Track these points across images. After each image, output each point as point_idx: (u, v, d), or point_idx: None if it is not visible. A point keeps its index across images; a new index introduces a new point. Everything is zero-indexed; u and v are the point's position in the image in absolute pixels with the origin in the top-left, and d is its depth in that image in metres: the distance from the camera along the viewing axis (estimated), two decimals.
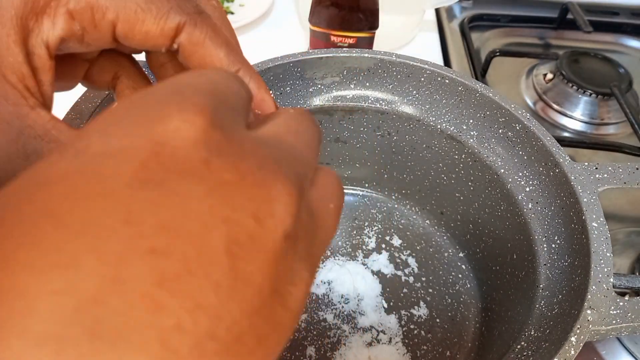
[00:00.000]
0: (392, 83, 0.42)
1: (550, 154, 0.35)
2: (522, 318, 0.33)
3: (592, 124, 0.62)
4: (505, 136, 0.39)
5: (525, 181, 0.37)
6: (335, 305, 0.42)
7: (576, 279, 0.30)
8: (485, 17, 0.77)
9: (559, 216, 0.34)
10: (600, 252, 0.30)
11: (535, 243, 0.35)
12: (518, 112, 0.37)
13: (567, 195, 0.34)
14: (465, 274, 0.44)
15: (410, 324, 0.41)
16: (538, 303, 0.32)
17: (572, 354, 0.26)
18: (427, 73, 0.41)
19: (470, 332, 0.41)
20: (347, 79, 0.42)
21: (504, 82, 0.67)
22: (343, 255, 0.45)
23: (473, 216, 0.43)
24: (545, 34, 0.78)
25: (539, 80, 0.66)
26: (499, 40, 0.75)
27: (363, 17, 0.51)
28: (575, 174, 0.33)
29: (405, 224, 0.48)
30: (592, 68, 0.65)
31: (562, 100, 0.63)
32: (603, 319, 0.27)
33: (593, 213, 0.31)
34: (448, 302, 0.42)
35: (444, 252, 0.46)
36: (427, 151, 0.44)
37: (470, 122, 0.41)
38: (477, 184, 0.42)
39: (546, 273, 0.33)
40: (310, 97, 0.42)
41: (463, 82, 0.39)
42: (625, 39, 0.78)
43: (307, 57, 0.40)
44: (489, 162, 0.40)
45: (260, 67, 0.39)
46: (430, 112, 0.42)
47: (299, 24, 0.73)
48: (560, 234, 0.34)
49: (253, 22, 0.71)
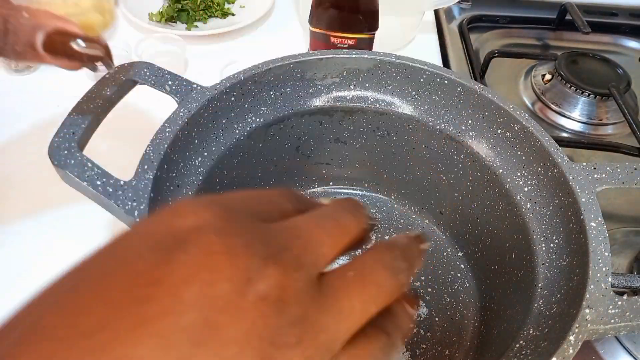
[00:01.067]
0: (391, 84, 0.42)
1: (549, 154, 0.35)
2: (520, 317, 0.33)
3: (590, 125, 0.62)
4: (504, 136, 0.39)
5: (524, 181, 0.38)
6: None
7: (574, 279, 0.31)
8: (484, 18, 0.77)
9: (558, 216, 0.35)
10: (599, 252, 0.30)
11: (534, 242, 0.35)
12: (517, 113, 0.38)
13: (565, 195, 0.34)
14: (464, 273, 0.45)
15: None
16: (536, 302, 0.32)
17: (570, 353, 0.26)
18: (426, 74, 0.41)
19: (469, 331, 0.41)
20: (346, 80, 0.42)
21: (502, 83, 0.68)
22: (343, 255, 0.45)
23: (472, 216, 0.43)
24: (543, 35, 0.78)
25: (538, 80, 0.66)
26: (498, 41, 0.75)
27: (363, 19, 0.51)
28: (574, 174, 0.34)
29: (405, 224, 0.48)
30: (590, 69, 0.65)
31: (561, 101, 0.63)
32: (601, 318, 0.27)
33: (591, 213, 0.32)
34: (447, 301, 0.43)
35: (443, 252, 0.46)
36: (426, 151, 0.44)
37: (469, 122, 0.41)
38: (475, 183, 0.42)
39: (545, 272, 0.33)
40: (310, 97, 0.42)
41: (462, 82, 0.40)
42: (624, 40, 0.78)
43: (307, 58, 0.40)
44: (488, 162, 0.40)
45: (260, 68, 0.39)
46: (429, 112, 0.42)
47: (299, 25, 0.73)
48: (558, 233, 0.34)
49: (254, 24, 0.71)
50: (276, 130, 0.42)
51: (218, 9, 0.73)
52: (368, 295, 0.15)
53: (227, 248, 0.13)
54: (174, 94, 0.38)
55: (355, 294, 0.15)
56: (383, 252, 0.17)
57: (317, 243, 0.15)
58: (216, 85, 0.38)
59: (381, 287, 0.15)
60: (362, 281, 0.15)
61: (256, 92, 0.40)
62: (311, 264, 0.15)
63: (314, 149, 0.46)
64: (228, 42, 0.70)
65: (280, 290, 0.13)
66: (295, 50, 0.42)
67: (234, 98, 0.39)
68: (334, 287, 0.15)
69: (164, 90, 0.38)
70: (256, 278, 0.13)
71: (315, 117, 0.43)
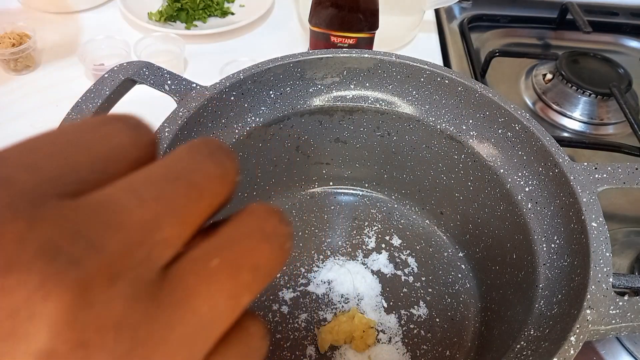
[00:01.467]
0: (391, 83, 0.42)
1: (550, 154, 0.35)
2: (521, 318, 0.33)
3: (591, 124, 0.62)
4: (505, 136, 0.39)
5: (525, 181, 0.38)
6: (335, 304, 0.42)
7: (575, 279, 0.30)
8: (485, 18, 0.77)
9: (559, 216, 0.34)
10: (600, 252, 0.30)
11: (535, 243, 0.35)
12: (517, 113, 0.37)
13: (566, 195, 0.34)
14: (464, 273, 0.45)
15: (409, 324, 0.41)
16: (537, 303, 0.32)
17: (571, 354, 0.26)
18: (427, 73, 0.41)
19: (470, 332, 0.41)
20: (347, 80, 0.42)
21: (503, 83, 0.68)
22: (343, 255, 0.45)
23: (472, 216, 0.43)
24: (544, 35, 0.78)
25: (539, 80, 0.66)
26: (499, 40, 0.75)
27: (363, 18, 0.51)
28: (575, 174, 0.33)
29: (405, 224, 0.48)
30: (591, 68, 0.65)
31: (562, 101, 0.63)
32: (602, 318, 0.27)
33: (592, 213, 0.32)
34: (448, 302, 0.43)
35: (444, 252, 0.46)
36: (426, 151, 0.44)
37: (469, 122, 0.41)
38: (476, 184, 0.42)
39: (545, 273, 0.33)
40: (310, 97, 0.42)
41: (463, 82, 0.40)
42: (625, 40, 0.78)
43: (307, 58, 0.40)
44: (489, 162, 0.40)
45: (260, 67, 0.39)
46: (429, 112, 0.42)
47: (299, 24, 0.73)
48: (559, 233, 0.34)
49: (253, 23, 0.71)
50: (276, 130, 0.42)
51: (217, 8, 0.73)
52: (240, 286, 0.11)
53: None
54: (173, 93, 0.37)
55: (220, 289, 0.10)
56: (262, 216, 0.12)
57: (152, 225, 0.10)
58: (216, 85, 0.38)
59: (260, 269, 0.11)
60: (232, 269, 0.11)
61: (256, 92, 0.40)
62: (139, 263, 0.10)
63: (314, 149, 0.46)
64: (227, 41, 0.70)
65: (77, 333, 0.08)
66: (295, 49, 0.42)
67: (234, 97, 0.39)
68: (186, 287, 0.10)
69: (163, 89, 0.38)
70: (28, 324, 0.08)
71: (315, 116, 0.43)
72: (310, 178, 0.49)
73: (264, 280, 0.11)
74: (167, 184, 0.10)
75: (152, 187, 0.10)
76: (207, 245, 0.11)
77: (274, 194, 0.48)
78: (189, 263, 0.10)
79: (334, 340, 0.39)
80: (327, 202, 0.49)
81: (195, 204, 0.11)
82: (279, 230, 0.11)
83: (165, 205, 0.10)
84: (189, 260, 0.10)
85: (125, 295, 0.09)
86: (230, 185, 0.12)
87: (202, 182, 0.11)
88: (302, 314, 0.41)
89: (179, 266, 0.10)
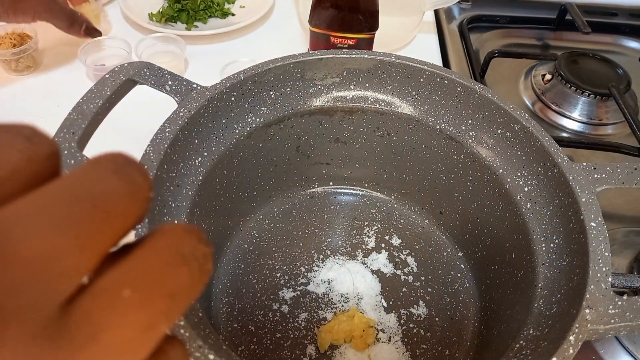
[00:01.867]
0: (391, 84, 0.42)
1: (549, 154, 0.35)
2: (520, 317, 0.33)
3: (590, 125, 0.62)
4: (504, 136, 0.39)
5: (524, 181, 0.38)
6: (335, 304, 0.42)
7: (575, 279, 0.31)
8: (484, 18, 0.77)
9: (558, 216, 0.35)
10: (599, 252, 0.30)
11: (534, 242, 0.35)
12: (517, 113, 0.38)
13: (565, 195, 0.34)
14: (464, 273, 0.45)
15: (409, 323, 0.41)
16: (537, 302, 0.32)
17: (570, 353, 0.26)
18: (427, 74, 0.41)
19: (469, 331, 0.41)
20: (347, 80, 0.42)
21: (502, 83, 0.68)
22: (343, 255, 0.45)
23: (472, 216, 0.43)
24: (543, 35, 0.78)
25: (538, 80, 0.66)
26: (498, 41, 0.75)
27: (363, 19, 0.51)
28: (574, 174, 0.34)
29: (405, 224, 0.48)
30: (590, 69, 0.65)
31: (561, 101, 0.63)
32: (601, 318, 0.27)
33: (591, 213, 0.32)
34: (447, 301, 0.43)
35: (443, 252, 0.46)
36: (426, 151, 0.44)
37: (469, 122, 0.41)
38: (475, 183, 0.42)
39: (545, 272, 0.33)
40: (310, 97, 0.42)
41: (462, 82, 0.40)
42: (624, 40, 0.78)
43: (307, 58, 0.40)
44: (488, 162, 0.40)
45: (260, 68, 0.39)
46: (429, 112, 0.42)
47: (299, 25, 0.73)
48: (558, 233, 0.34)
49: (254, 24, 0.71)
50: (276, 130, 0.42)
51: (218, 8, 0.73)
52: (155, 315, 0.10)
53: None
54: (174, 94, 0.38)
55: (132, 321, 0.09)
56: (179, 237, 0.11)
57: (49, 256, 0.09)
58: (216, 85, 0.38)
59: (178, 295, 0.10)
60: (146, 298, 0.09)
61: (256, 92, 0.40)
62: (35, 301, 0.08)
63: (314, 149, 0.46)
64: (228, 42, 0.70)
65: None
66: (295, 50, 0.42)
67: (234, 98, 0.39)
68: (94, 322, 0.09)
69: (164, 90, 0.38)
70: None
71: (315, 117, 0.43)
72: (310, 178, 0.49)
73: (183, 305, 0.10)
74: (67, 208, 0.09)
75: (50, 211, 0.09)
76: (117, 273, 0.10)
77: (274, 194, 0.48)
78: (97, 294, 0.09)
79: (333, 340, 0.39)
80: (327, 202, 0.49)
81: (101, 228, 0.09)
82: (198, 251, 0.10)
83: (64, 233, 0.09)
84: (97, 290, 0.09)
85: (18, 339, 0.08)
86: (142, 203, 0.10)
87: (108, 203, 0.10)
88: (302, 314, 0.41)
89: (85, 298, 0.09)
